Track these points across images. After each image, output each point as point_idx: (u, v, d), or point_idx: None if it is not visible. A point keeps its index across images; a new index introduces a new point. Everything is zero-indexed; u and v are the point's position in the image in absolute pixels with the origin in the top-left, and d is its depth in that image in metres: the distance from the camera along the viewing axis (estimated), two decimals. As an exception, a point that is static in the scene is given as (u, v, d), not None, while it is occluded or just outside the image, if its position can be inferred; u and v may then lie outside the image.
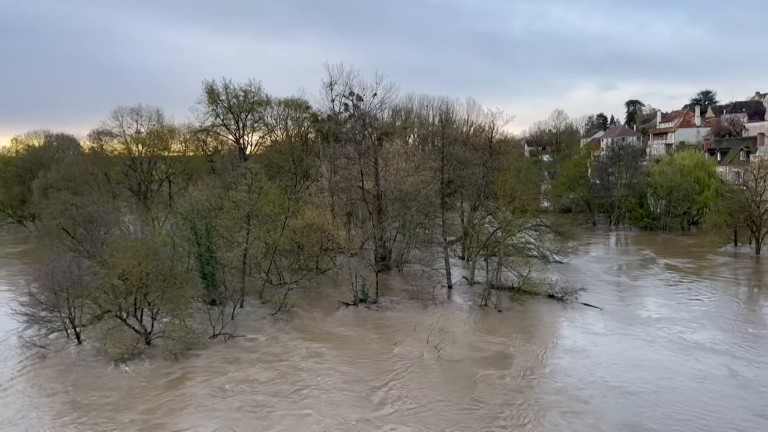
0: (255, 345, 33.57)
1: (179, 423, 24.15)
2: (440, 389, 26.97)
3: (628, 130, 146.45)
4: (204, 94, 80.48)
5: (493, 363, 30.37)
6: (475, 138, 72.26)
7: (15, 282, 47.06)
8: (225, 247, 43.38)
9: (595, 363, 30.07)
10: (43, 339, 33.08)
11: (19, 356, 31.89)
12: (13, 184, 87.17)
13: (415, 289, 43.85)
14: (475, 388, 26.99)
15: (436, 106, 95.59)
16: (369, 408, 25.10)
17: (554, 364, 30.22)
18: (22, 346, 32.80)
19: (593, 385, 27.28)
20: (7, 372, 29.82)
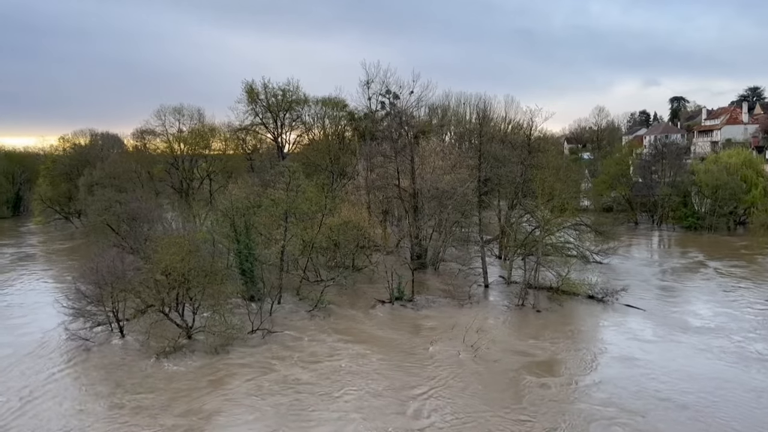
0: (292, 341, 33.87)
1: (221, 420, 24.31)
2: (484, 397, 26.07)
3: (671, 128, 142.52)
4: (244, 94, 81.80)
5: (537, 368, 29.40)
6: (513, 135, 71.39)
7: (63, 278, 48.22)
8: (263, 244, 43.98)
9: (646, 372, 28.68)
10: (88, 332, 34.11)
11: (65, 348, 33.00)
12: (60, 182, 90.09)
13: (451, 288, 43.59)
14: (521, 397, 26.02)
15: (473, 103, 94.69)
16: (409, 416, 24.34)
17: (603, 373, 28.88)
18: (68, 339, 33.88)
19: (646, 396, 25.98)
20: (53, 363, 30.92)
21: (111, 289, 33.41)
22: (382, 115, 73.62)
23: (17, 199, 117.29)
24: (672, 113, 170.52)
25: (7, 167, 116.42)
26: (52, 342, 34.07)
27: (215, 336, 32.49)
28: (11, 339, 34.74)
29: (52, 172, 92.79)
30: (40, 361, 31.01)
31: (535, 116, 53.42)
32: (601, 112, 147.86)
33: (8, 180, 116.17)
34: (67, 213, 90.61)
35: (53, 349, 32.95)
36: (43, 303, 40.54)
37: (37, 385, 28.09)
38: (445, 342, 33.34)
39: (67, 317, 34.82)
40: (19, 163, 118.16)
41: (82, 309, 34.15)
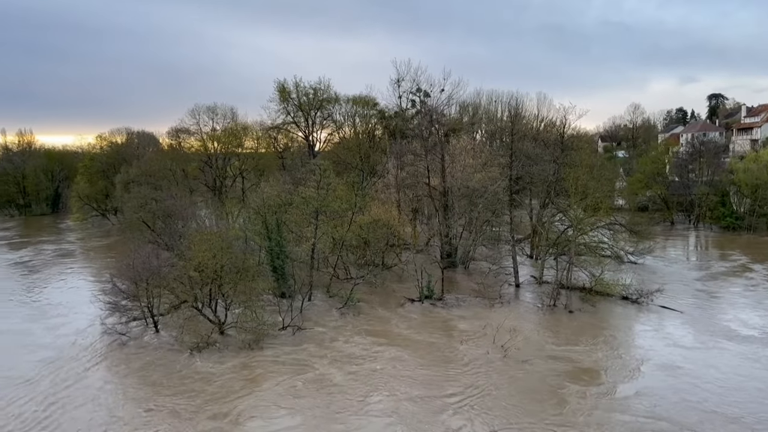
0: (324, 339, 34.04)
1: (257, 421, 24.19)
2: (523, 406, 24.96)
3: (709, 125, 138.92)
4: (276, 93, 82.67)
5: (575, 375, 28.46)
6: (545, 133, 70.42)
7: (101, 275, 48.98)
8: (294, 242, 44.38)
9: (691, 382, 27.36)
10: (123, 327, 34.89)
11: (101, 342, 33.78)
12: (97, 179, 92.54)
13: (482, 287, 43.27)
14: (561, 407, 24.92)
15: (504, 101, 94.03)
16: (446, 426, 23.50)
17: (645, 381, 27.59)
18: (104, 333, 34.74)
19: (692, 408, 24.62)
20: (90, 356, 31.71)
21: (146, 284, 34.12)
22: (413, 113, 73.51)
23: (56, 196, 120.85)
24: (710, 111, 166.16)
25: (46, 165, 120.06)
26: (89, 335, 34.92)
27: (247, 332, 32.91)
28: (51, 332, 35.73)
29: (90, 169, 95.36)
30: (77, 353, 31.81)
31: (568, 114, 52.62)
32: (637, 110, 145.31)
33: (47, 177, 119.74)
34: (104, 210, 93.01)
35: (91, 343, 33.75)
36: (83, 298, 41.56)
37: (74, 377, 28.78)
38: (475, 342, 33.09)
39: (104, 312, 35.76)
40: (57, 161, 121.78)
41: (118, 304, 34.99)
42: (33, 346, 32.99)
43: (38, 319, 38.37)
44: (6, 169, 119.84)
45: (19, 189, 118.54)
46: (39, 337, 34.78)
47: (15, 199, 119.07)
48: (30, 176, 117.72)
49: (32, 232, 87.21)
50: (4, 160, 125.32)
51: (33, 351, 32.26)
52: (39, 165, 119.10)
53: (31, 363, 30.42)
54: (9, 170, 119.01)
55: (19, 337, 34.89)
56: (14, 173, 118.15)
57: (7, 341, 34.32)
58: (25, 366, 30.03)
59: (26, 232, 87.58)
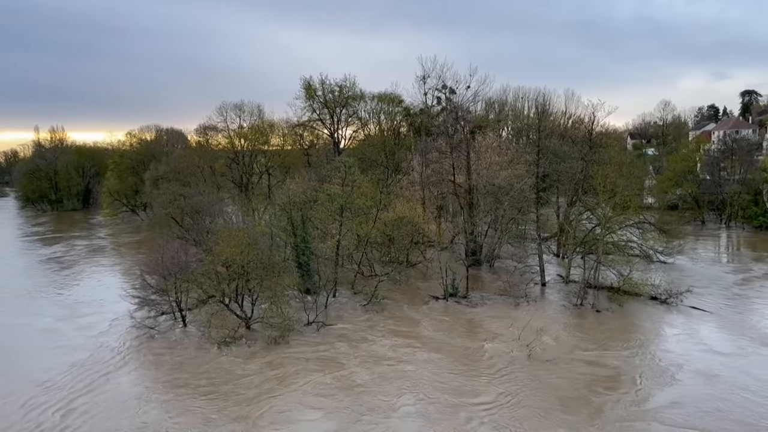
0: (348, 336, 34.14)
1: (285, 421, 23.98)
2: (554, 416, 23.87)
3: (742, 122, 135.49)
4: (302, 90, 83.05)
5: (605, 380, 27.47)
6: (573, 130, 69.43)
7: (132, 271, 48.86)
8: (319, 238, 44.62)
9: (729, 391, 25.88)
10: (152, 321, 35.47)
11: (130, 340, 34.16)
12: (127, 176, 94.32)
13: (507, 286, 42.99)
14: (597, 415, 23.87)
15: (531, 97, 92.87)
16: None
17: (680, 389, 26.34)
18: (133, 326, 35.35)
19: (732, 420, 23.21)
20: (119, 358, 31.86)
21: (174, 279, 34.63)
22: (438, 110, 73.13)
23: (87, 192, 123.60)
24: (743, 107, 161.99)
25: (77, 161, 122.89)
26: (119, 329, 35.60)
27: (273, 327, 33.21)
28: (82, 332, 36.09)
29: (120, 166, 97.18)
30: (107, 355, 31.90)
31: (596, 110, 51.75)
32: (667, 107, 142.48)
33: (78, 173, 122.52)
34: (133, 206, 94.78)
35: (121, 336, 34.45)
36: (114, 295, 41.72)
37: (101, 382, 28.51)
38: (501, 341, 32.87)
39: (134, 306, 36.45)
40: (88, 158, 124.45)
41: (147, 298, 35.61)
42: (64, 347, 32.91)
43: (70, 318, 38.75)
44: (39, 166, 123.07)
45: (51, 185, 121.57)
46: (70, 337, 34.81)
47: (47, 195, 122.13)
48: (62, 172, 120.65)
49: (64, 228, 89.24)
50: (37, 157, 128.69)
51: (63, 353, 32.03)
52: (70, 161, 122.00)
53: (60, 366, 29.89)
54: (42, 166, 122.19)
55: (51, 337, 35.00)
56: (47, 169, 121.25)
57: (39, 342, 34.32)
58: (53, 370, 29.27)
59: (58, 228, 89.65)
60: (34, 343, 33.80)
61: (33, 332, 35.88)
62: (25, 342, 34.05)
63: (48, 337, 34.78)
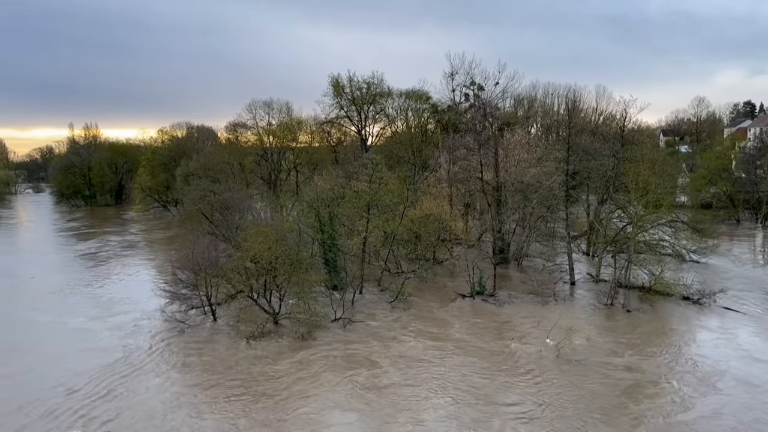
0: (373, 333, 34.19)
1: (319, 420, 23.67)
2: (596, 425, 22.84)
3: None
4: (329, 87, 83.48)
5: (644, 385, 26.30)
6: (604, 127, 68.42)
7: (165, 268, 48.32)
8: (346, 235, 44.78)
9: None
10: (182, 315, 36.06)
11: (161, 332, 34.72)
12: (159, 172, 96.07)
13: (535, 284, 42.56)
14: (637, 425, 22.73)
15: (561, 94, 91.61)
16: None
17: (722, 399, 24.94)
18: (164, 320, 35.97)
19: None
20: (150, 350, 32.43)
21: (204, 274, 35.13)
22: (466, 107, 72.75)
23: (119, 188, 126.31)
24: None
25: (110, 158, 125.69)
26: (150, 323, 36.23)
27: (300, 323, 33.47)
28: (114, 332, 35.58)
29: (152, 162, 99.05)
30: (138, 347, 32.44)
31: (628, 107, 50.85)
32: (701, 103, 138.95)
33: (111, 170, 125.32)
34: (164, 201, 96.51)
35: (152, 330, 35.02)
36: (146, 293, 41.48)
37: (136, 362, 29.63)
38: (529, 340, 32.54)
39: (165, 300, 37.11)
40: (121, 154, 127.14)
41: (178, 293, 36.23)
42: (95, 349, 31.91)
43: (102, 317, 38.08)
44: (73, 162, 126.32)
45: (85, 181, 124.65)
46: (101, 338, 34.00)
47: (81, 190, 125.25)
48: (95, 168, 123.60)
49: (97, 223, 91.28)
50: (72, 153, 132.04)
51: (93, 355, 30.94)
52: (104, 158, 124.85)
53: (89, 369, 28.76)
54: (76, 162, 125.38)
55: (83, 338, 34.19)
56: (81, 165, 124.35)
57: (71, 343, 33.44)
58: (82, 375, 28.04)
59: (92, 223, 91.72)
60: (65, 344, 33.27)
61: (65, 332, 35.58)
62: (57, 343, 33.59)
63: (80, 338, 34.31)
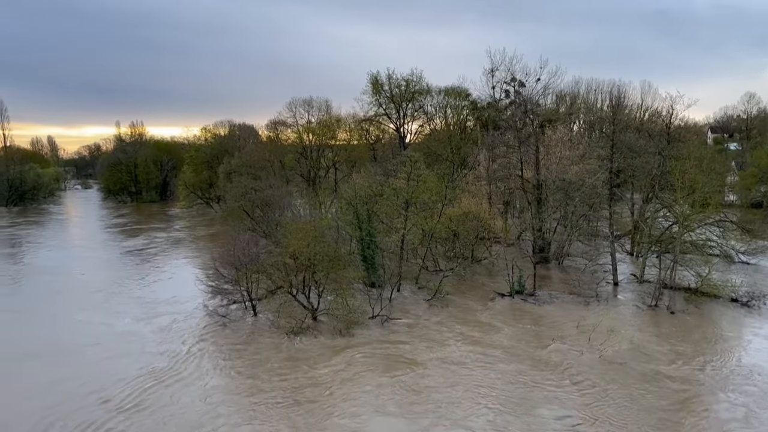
0: (412, 331, 34.10)
1: (357, 421, 23.38)
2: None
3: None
4: (368, 85, 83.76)
5: (698, 397, 24.88)
6: (650, 124, 66.67)
7: (208, 265, 46.53)
8: (384, 232, 44.88)
9: None
10: (224, 309, 36.85)
11: (204, 323, 35.70)
12: (202, 169, 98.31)
13: (577, 284, 41.84)
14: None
15: (605, 90, 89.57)
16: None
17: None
18: (206, 316, 36.71)
19: None
20: (194, 335, 33.62)
21: (245, 270, 35.76)
22: (506, 103, 71.88)
23: (164, 185, 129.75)
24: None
25: (155, 155, 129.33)
26: (194, 316, 37.03)
27: (338, 319, 33.74)
28: (159, 335, 35.57)
29: (195, 160, 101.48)
30: (183, 340, 32.99)
31: (675, 103, 49.42)
32: (752, 99, 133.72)
33: (156, 167, 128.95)
34: (207, 198, 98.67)
35: (195, 323, 35.81)
36: (191, 292, 40.90)
37: (178, 368, 29.02)
38: (570, 341, 31.93)
39: (207, 295, 37.93)
40: (166, 152, 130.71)
41: (219, 287, 37.00)
42: (136, 354, 30.56)
43: (148, 318, 37.09)
44: (120, 159, 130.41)
45: (131, 177, 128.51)
46: (145, 342, 32.69)
47: (127, 187, 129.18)
48: (141, 165, 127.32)
49: (143, 219, 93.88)
50: (119, 151, 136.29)
51: (135, 360, 29.74)
52: (149, 155, 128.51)
53: (129, 377, 27.49)
54: (123, 160, 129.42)
55: (127, 341, 32.98)
56: (127, 163, 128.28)
57: (115, 346, 32.08)
58: (122, 382, 26.85)
59: (138, 219, 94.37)
60: (109, 348, 31.75)
61: (112, 335, 34.36)
62: (104, 346, 32.05)
63: (124, 341, 33.12)
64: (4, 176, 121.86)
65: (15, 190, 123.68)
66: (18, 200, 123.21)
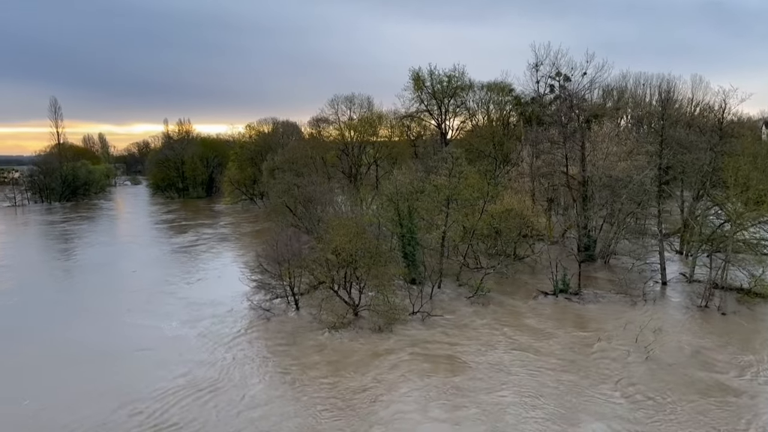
0: (453, 329, 33.90)
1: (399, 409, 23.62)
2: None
3: None
4: (410, 81, 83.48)
5: (758, 407, 23.40)
6: (701, 119, 64.42)
7: (253, 262, 46.49)
8: (425, 229, 44.78)
9: None
10: (268, 303, 37.45)
11: (249, 317, 36.45)
12: (246, 166, 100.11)
13: (623, 284, 40.82)
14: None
15: (654, 84, 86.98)
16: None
17: None
18: (250, 309, 37.47)
19: None
20: (238, 328, 34.40)
21: (288, 265, 36.31)
22: (551, 98, 70.59)
23: (210, 181, 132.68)
24: None
25: (202, 152, 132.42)
26: (238, 310, 37.80)
27: (379, 315, 33.87)
28: (204, 339, 35.91)
29: (240, 157, 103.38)
30: (227, 336, 33.46)
31: (728, 97, 47.41)
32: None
33: (203, 163, 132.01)
34: (251, 194, 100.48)
35: (240, 316, 36.57)
36: (237, 289, 41.21)
37: (223, 364, 29.18)
38: (616, 341, 31.18)
39: (252, 290, 38.70)
40: (211, 149, 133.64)
41: (263, 282, 37.68)
42: (181, 362, 29.27)
43: (194, 321, 35.94)
44: (167, 156, 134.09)
45: (178, 174, 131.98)
46: (191, 349, 31.20)
47: (175, 183, 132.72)
48: (188, 162, 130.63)
49: (191, 215, 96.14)
50: (166, 148, 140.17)
51: (175, 368, 28.39)
52: (196, 152, 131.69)
53: (174, 388, 26.19)
54: (170, 156, 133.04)
55: (173, 347, 31.54)
56: (174, 159, 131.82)
57: (160, 353, 30.65)
58: (163, 399, 25.07)
59: (186, 215, 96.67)
60: (154, 355, 30.49)
61: (157, 339, 33.06)
62: (147, 353, 30.78)
63: (169, 346, 31.63)
64: (57, 172, 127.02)
65: (68, 185, 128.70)
66: (71, 196, 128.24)
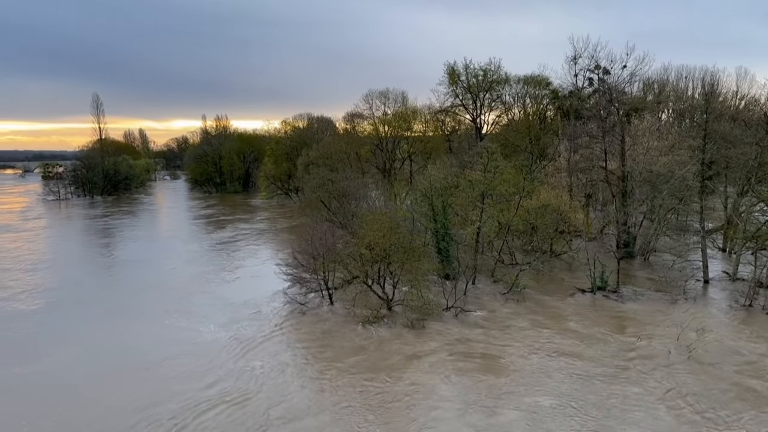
0: (487, 326, 33.58)
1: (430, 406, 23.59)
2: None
3: None
4: (445, 76, 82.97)
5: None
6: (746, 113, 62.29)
7: (288, 257, 45.49)
8: (459, 225, 44.47)
9: None
10: (302, 297, 37.81)
11: (284, 309, 36.90)
12: (282, 161, 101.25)
13: (664, 281, 39.80)
14: None
15: (697, 77, 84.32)
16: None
17: None
18: (286, 302, 37.90)
19: None
20: (275, 320, 34.89)
21: (322, 260, 36.52)
22: (590, 92, 69.10)
23: (246, 176, 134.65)
24: None
25: (239, 147, 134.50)
26: (275, 303, 38.25)
27: (412, 310, 33.79)
28: (240, 344, 34.23)
29: (276, 152, 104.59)
30: (263, 326, 34.07)
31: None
32: None
33: (239, 159, 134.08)
34: (287, 189, 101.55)
35: (276, 309, 37.00)
36: (273, 288, 41.09)
37: (258, 338, 31.04)
38: (656, 339, 30.36)
39: (287, 283, 39.12)
40: (248, 144, 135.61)
41: (298, 276, 38.02)
42: (217, 369, 27.95)
43: (231, 324, 34.77)
44: (206, 151, 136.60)
45: (216, 169, 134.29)
46: (228, 355, 29.81)
47: (213, 178, 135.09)
48: (225, 157, 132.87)
49: (229, 210, 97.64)
50: (204, 143, 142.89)
51: (205, 375, 27.29)
52: (233, 147, 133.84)
53: (207, 397, 24.92)
54: (208, 152, 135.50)
55: (210, 353, 30.03)
56: (212, 155, 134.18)
57: (196, 360, 29.20)
58: (190, 411, 23.63)
59: (225, 211, 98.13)
60: (189, 362, 29.01)
61: (193, 344, 31.58)
62: (182, 359, 29.36)
63: (206, 352, 30.26)
64: (99, 167, 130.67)
65: (109, 180, 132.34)
66: (112, 190, 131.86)
